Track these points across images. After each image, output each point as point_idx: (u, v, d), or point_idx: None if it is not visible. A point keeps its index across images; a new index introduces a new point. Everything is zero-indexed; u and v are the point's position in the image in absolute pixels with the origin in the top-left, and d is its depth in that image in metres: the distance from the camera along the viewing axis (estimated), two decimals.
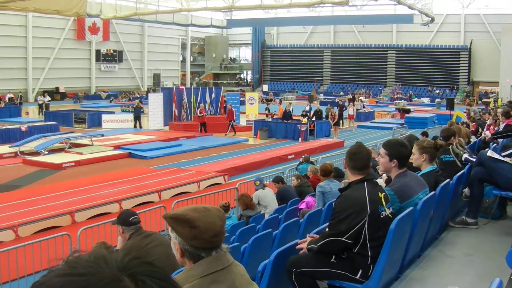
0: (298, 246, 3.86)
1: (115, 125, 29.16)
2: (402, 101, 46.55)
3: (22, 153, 19.98)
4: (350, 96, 43.45)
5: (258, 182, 10.18)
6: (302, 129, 25.12)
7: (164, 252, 4.31)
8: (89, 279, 0.82)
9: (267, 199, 9.60)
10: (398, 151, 4.15)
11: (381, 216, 3.58)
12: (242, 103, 31.73)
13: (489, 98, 46.51)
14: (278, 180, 10.69)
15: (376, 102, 50.57)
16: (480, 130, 15.01)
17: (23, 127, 24.19)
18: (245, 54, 72.36)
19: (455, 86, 54.85)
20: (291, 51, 65.19)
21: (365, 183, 3.64)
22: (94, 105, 42.05)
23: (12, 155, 19.90)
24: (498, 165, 5.34)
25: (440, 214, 5.02)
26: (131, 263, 0.88)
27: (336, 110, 28.06)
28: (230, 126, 27.00)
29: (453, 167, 5.96)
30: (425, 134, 14.10)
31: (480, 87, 53.41)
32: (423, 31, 53.31)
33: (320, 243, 3.62)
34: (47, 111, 32.93)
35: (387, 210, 3.65)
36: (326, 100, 43.00)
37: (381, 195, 3.65)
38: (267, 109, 32.00)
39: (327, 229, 3.78)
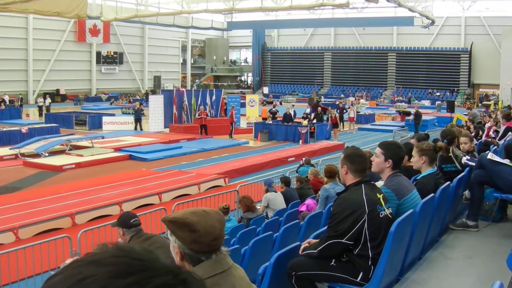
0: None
1: (115, 127, 29.19)
2: (403, 103, 46.54)
3: (23, 155, 19.98)
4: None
5: (266, 187, 10.09)
6: (303, 132, 25.12)
7: (165, 255, 4.29)
8: (148, 265, 0.79)
9: (277, 203, 9.50)
10: (394, 152, 4.19)
11: (381, 216, 3.58)
12: (243, 105, 31.72)
13: (489, 100, 46.54)
14: (283, 180, 10.65)
15: (377, 104, 50.57)
16: (480, 133, 15.01)
17: (24, 129, 24.20)
18: (246, 56, 72.43)
19: (456, 88, 54.87)
20: (292, 54, 65.22)
21: (363, 185, 3.65)
22: (95, 107, 42.10)
23: (12, 157, 19.89)
24: (498, 167, 5.35)
25: (440, 216, 5.02)
26: (181, 270, 0.85)
27: (336, 112, 28.07)
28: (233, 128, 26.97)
29: (454, 175, 5.89)
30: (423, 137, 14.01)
31: (480, 90, 53.43)
32: (423, 34, 53.38)
33: (319, 248, 3.62)
34: (47, 113, 32.96)
35: (386, 210, 3.66)
36: (327, 102, 42.88)
37: (380, 196, 3.67)
38: (272, 112, 31.37)
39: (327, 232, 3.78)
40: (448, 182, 5.09)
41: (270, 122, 28.07)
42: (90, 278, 0.75)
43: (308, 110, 29.56)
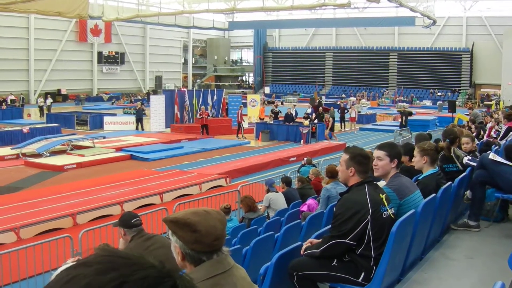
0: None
1: (117, 127, 29.20)
2: (404, 103, 46.48)
3: (24, 155, 19.99)
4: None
5: (267, 187, 10.08)
6: (304, 132, 25.10)
7: (166, 254, 4.29)
8: (133, 262, 0.85)
9: (278, 203, 9.47)
10: (397, 151, 4.23)
11: (384, 216, 3.58)
12: (244, 105, 31.71)
13: (491, 100, 46.48)
14: (284, 180, 10.65)
15: (378, 104, 50.53)
16: (482, 133, 15.00)
17: (25, 129, 24.22)
18: (247, 56, 72.42)
19: (457, 88, 54.81)
20: (293, 54, 65.21)
21: (366, 185, 3.65)
22: (96, 107, 42.13)
23: (14, 157, 19.91)
24: (500, 168, 5.34)
25: (441, 217, 5.01)
26: (167, 266, 0.91)
27: (330, 116, 27.88)
28: (240, 128, 26.98)
29: (455, 176, 5.88)
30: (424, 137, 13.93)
31: (482, 90, 53.38)
32: (425, 34, 53.33)
33: (322, 248, 3.61)
34: (49, 113, 32.98)
35: (389, 210, 3.65)
36: (328, 102, 42.80)
37: (383, 196, 3.67)
38: (274, 112, 31.04)
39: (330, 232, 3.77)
40: (450, 182, 5.09)
41: (271, 122, 28.05)
42: (76, 277, 0.82)
43: (309, 110, 29.52)
